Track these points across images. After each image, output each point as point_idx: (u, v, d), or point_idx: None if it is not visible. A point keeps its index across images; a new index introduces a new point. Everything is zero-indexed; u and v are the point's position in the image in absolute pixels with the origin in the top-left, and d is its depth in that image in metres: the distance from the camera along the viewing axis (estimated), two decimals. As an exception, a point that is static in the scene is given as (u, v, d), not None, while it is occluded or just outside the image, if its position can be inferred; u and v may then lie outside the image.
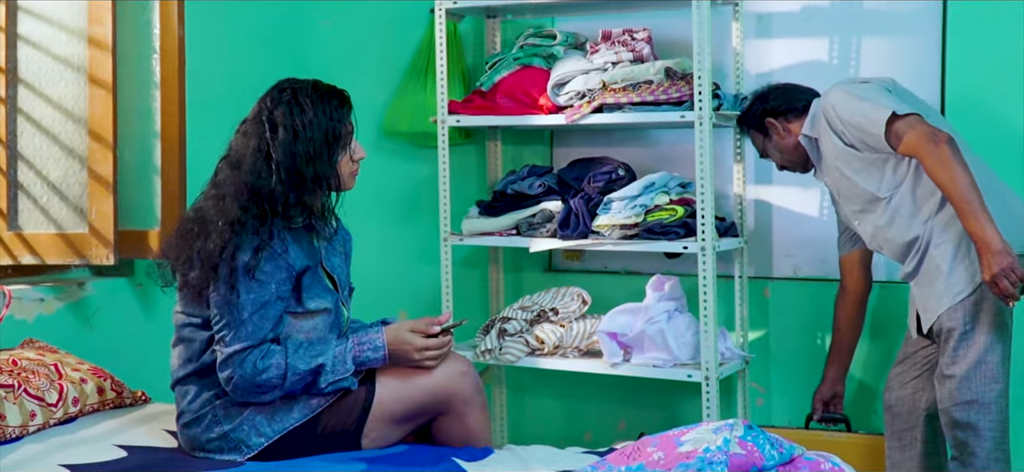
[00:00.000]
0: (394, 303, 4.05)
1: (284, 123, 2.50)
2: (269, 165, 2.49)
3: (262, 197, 2.49)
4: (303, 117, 2.51)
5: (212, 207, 2.51)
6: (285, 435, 2.50)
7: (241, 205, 2.48)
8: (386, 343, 2.55)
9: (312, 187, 2.52)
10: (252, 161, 2.50)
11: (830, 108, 3.00)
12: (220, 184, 2.54)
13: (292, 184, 2.49)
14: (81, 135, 3.36)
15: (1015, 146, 3.31)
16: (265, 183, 2.49)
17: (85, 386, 2.86)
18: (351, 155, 2.60)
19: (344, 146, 2.57)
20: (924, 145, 2.76)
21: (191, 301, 2.55)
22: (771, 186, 3.61)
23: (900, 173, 2.93)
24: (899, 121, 2.83)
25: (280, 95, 2.55)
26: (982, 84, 3.33)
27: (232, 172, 2.52)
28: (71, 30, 3.37)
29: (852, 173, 2.99)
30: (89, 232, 3.35)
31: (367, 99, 3.98)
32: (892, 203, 2.95)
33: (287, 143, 2.49)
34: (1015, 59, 3.29)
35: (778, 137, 3.19)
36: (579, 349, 3.46)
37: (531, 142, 3.97)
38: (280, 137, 2.50)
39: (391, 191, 4.11)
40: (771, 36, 3.61)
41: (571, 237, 3.41)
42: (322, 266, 2.61)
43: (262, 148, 2.50)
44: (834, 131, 2.99)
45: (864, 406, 3.50)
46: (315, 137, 2.51)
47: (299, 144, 2.50)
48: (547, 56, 3.58)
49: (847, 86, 3.02)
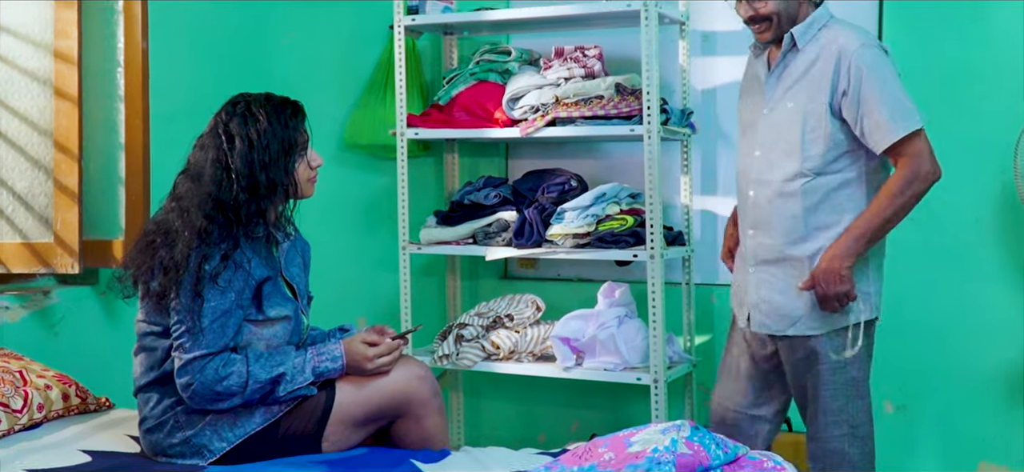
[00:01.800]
0: (354, 310, 4.04)
1: (240, 134, 2.50)
2: (229, 175, 2.48)
3: (225, 207, 2.47)
4: (258, 127, 2.50)
5: (176, 218, 2.49)
6: (246, 439, 2.49)
7: (206, 215, 2.47)
8: (344, 353, 2.55)
9: (268, 194, 2.51)
10: (212, 172, 2.49)
11: (854, 62, 2.60)
12: (181, 197, 2.52)
13: (252, 192, 2.48)
14: (47, 147, 3.32)
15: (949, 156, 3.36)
16: (227, 193, 2.47)
17: (50, 392, 2.83)
18: (308, 162, 2.59)
19: (300, 154, 2.56)
20: (924, 159, 2.59)
21: (153, 310, 2.52)
22: (716, 197, 3.64)
23: (845, 167, 2.68)
24: (917, 135, 2.60)
25: (234, 108, 2.54)
26: (918, 97, 3.36)
27: (193, 185, 2.51)
28: (37, 44, 3.33)
29: (799, 124, 2.66)
30: (54, 241, 3.31)
31: (328, 112, 3.98)
32: (812, 183, 2.69)
33: (244, 153, 2.49)
34: (948, 74, 3.34)
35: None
36: (533, 354, 3.46)
37: (487, 154, 3.98)
38: (237, 148, 2.49)
39: (352, 201, 4.10)
40: (716, 54, 3.64)
41: (525, 246, 3.42)
42: (282, 275, 2.60)
43: (220, 159, 2.49)
44: (835, 83, 2.63)
45: (805, 407, 3.54)
46: (271, 146, 2.50)
47: (255, 153, 2.49)
48: (502, 71, 3.59)
49: (882, 55, 2.61)
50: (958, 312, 3.36)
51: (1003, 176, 3.24)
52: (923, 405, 3.43)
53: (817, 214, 2.70)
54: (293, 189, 2.57)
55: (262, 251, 2.55)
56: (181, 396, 2.49)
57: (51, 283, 3.42)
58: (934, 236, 3.38)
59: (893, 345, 3.43)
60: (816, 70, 2.66)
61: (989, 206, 3.30)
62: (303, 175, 2.59)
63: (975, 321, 3.34)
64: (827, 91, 2.64)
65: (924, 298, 3.40)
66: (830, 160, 2.67)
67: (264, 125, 2.50)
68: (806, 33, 2.70)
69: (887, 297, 3.43)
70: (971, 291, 3.34)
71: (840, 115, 2.65)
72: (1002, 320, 3.29)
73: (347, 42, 4.06)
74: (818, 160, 2.67)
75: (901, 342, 3.42)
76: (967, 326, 3.35)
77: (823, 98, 2.65)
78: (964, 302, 3.35)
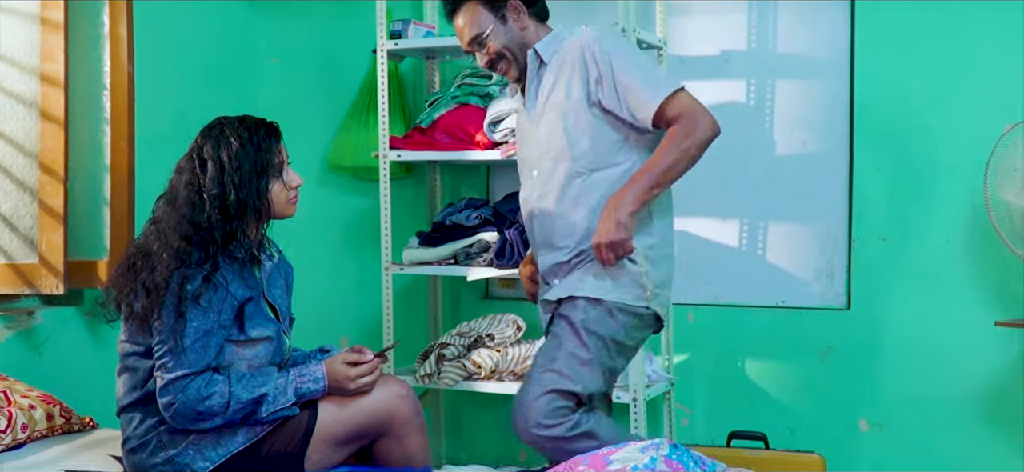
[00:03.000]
0: (337, 330, 4.01)
1: (212, 157, 2.48)
2: (201, 197, 2.47)
3: (200, 229, 2.46)
4: (230, 149, 2.48)
5: (154, 241, 2.48)
6: (229, 459, 2.46)
7: (182, 236, 2.45)
8: (325, 374, 2.53)
9: (239, 215, 2.48)
10: (186, 195, 2.48)
11: (598, 49, 2.54)
12: (159, 220, 2.51)
13: (224, 214, 2.46)
14: (32, 168, 3.30)
15: (921, 179, 3.38)
16: (200, 216, 2.46)
17: (34, 412, 2.80)
18: (286, 183, 2.57)
19: (275, 174, 2.53)
20: (698, 113, 2.46)
21: (136, 331, 2.50)
22: (693, 218, 3.64)
23: (623, 159, 2.56)
24: (680, 93, 2.49)
25: (210, 131, 2.53)
26: (887, 121, 3.41)
27: (169, 208, 2.50)
28: (23, 67, 3.31)
29: (561, 123, 2.57)
30: (39, 262, 3.28)
31: (312, 135, 3.97)
32: (589, 181, 2.57)
33: (215, 175, 2.47)
34: (919, 98, 3.36)
35: (515, 21, 2.64)
36: (514, 373, 3.45)
37: (468, 176, 3.97)
38: (209, 171, 2.47)
39: (335, 222, 4.09)
40: (692, 78, 3.64)
41: (506, 266, 3.41)
42: (264, 296, 2.58)
43: (193, 182, 2.48)
44: (586, 74, 2.56)
45: (779, 424, 3.54)
46: (242, 167, 2.48)
47: (226, 175, 2.47)
48: (483, 95, 3.59)
49: (622, 38, 2.57)
50: (932, 331, 3.36)
51: (973, 198, 3.26)
52: (899, 423, 3.43)
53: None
54: (268, 209, 2.55)
55: (244, 273, 2.53)
56: (164, 416, 2.46)
57: (35, 304, 3.38)
58: (906, 256, 3.39)
59: (868, 363, 3.44)
60: (566, 71, 2.58)
61: (960, 226, 3.32)
62: (280, 196, 2.56)
63: (948, 339, 3.34)
64: (579, 84, 2.56)
65: (898, 317, 3.41)
66: (603, 152, 2.56)
67: (235, 147, 2.48)
68: (549, 46, 2.63)
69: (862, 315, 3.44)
70: (944, 310, 3.35)
71: (600, 105, 2.55)
72: (974, 338, 3.30)
73: (331, 66, 4.06)
74: (590, 155, 2.56)
75: (876, 361, 3.42)
76: (941, 344, 3.35)
77: (578, 92, 2.56)
78: (938, 321, 3.36)
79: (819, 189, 3.51)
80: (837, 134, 3.48)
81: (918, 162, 3.38)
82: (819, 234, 3.52)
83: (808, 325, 3.51)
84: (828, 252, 3.51)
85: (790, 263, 3.56)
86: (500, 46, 2.63)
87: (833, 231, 3.50)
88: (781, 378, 3.55)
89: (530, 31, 2.65)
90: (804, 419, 3.53)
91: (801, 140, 3.54)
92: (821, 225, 3.52)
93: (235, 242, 2.49)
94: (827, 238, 3.51)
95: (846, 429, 3.48)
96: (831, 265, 3.51)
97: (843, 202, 3.48)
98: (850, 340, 3.46)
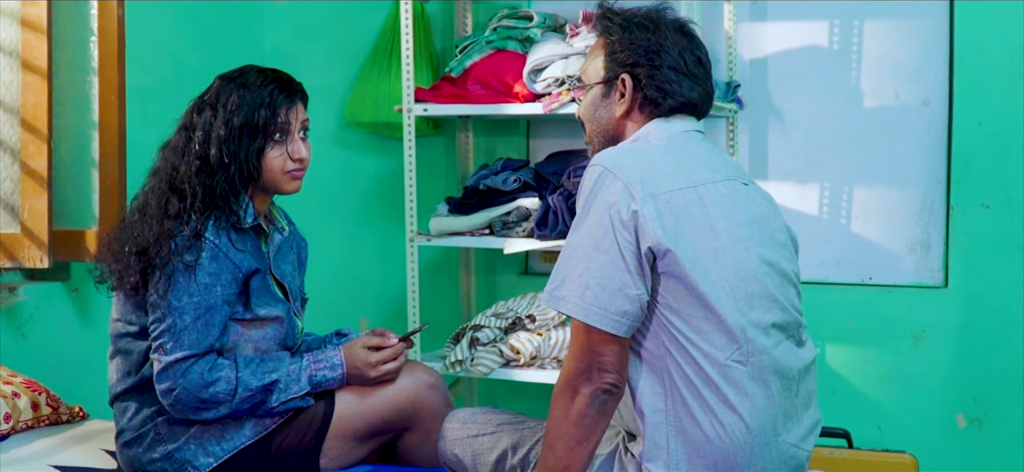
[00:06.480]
0: (355, 310, 4.05)
1: (211, 103, 2.52)
2: (190, 147, 2.51)
3: (182, 181, 2.49)
4: (228, 99, 2.51)
5: (152, 197, 2.52)
6: (236, 454, 2.50)
7: (170, 187, 2.49)
8: (343, 361, 2.57)
9: (224, 176, 2.48)
10: (174, 146, 2.53)
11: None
12: (158, 171, 2.55)
13: (206, 171, 2.49)
14: (13, 126, 3.35)
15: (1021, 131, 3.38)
16: (185, 169, 2.49)
17: (18, 401, 2.86)
18: (289, 153, 2.55)
19: (272, 137, 2.52)
20: (559, 390, 2.12)
21: (130, 308, 2.53)
22: (767, 182, 3.65)
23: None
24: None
25: (222, 79, 2.56)
26: (991, 69, 3.39)
27: (165, 156, 2.55)
28: (2, 11, 3.36)
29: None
30: (21, 232, 3.34)
31: (326, 87, 3.99)
32: None
33: (207, 123, 2.50)
34: (1028, 45, 3.35)
35: (618, 100, 2.30)
36: (557, 360, 3.48)
37: (505, 133, 3.99)
38: (203, 118, 2.51)
39: (352, 188, 4.12)
40: (767, 19, 3.65)
41: (549, 237, 3.43)
42: (271, 272, 2.61)
43: (186, 125, 2.54)
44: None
45: (865, 420, 3.55)
46: (232, 121, 2.49)
47: (215, 126, 2.50)
48: (523, 39, 3.61)
49: (585, 208, 2.13)
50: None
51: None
52: (1001, 418, 3.43)
53: None
54: (257, 176, 2.53)
55: (248, 242, 2.55)
56: (162, 405, 2.50)
57: (18, 279, 3.45)
58: (1012, 226, 3.37)
59: (967, 350, 3.44)
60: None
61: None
62: (275, 164, 2.53)
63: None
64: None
65: (1002, 296, 3.40)
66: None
67: (234, 99, 2.50)
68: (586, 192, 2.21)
69: (961, 294, 3.43)
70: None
71: None
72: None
73: (347, 6, 4.08)
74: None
75: (976, 346, 3.42)
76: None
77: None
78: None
79: (913, 148, 3.51)
80: (934, 84, 3.48)
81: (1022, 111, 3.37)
82: (912, 201, 3.52)
83: (899, 305, 3.51)
84: (923, 221, 3.51)
85: (878, 234, 3.57)
86: (585, 116, 2.37)
87: (928, 197, 3.50)
88: (867, 367, 3.57)
89: (620, 116, 2.30)
90: (893, 414, 3.54)
91: (893, 91, 3.53)
92: (914, 190, 3.52)
93: (219, 210, 2.49)
94: (922, 205, 3.51)
95: (941, 425, 3.49)
96: (927, 236, 3.51)
97: (941, 163, 3.48)
98: (947, 323, 3.47)
